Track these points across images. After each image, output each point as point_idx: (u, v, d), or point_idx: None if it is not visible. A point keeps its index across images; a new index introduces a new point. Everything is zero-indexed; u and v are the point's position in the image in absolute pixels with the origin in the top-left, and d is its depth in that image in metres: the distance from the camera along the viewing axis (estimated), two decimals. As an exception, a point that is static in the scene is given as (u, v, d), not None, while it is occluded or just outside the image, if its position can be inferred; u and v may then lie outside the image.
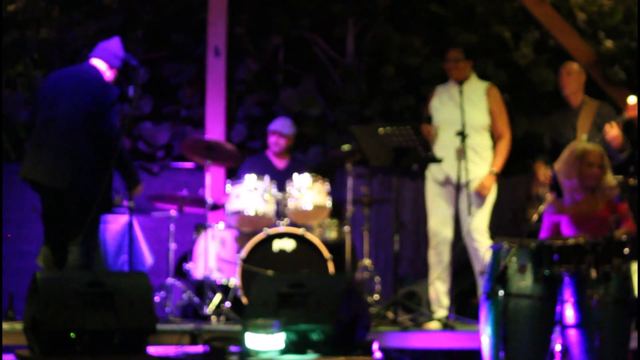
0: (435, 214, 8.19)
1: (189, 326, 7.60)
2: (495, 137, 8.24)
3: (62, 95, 7.26)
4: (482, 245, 7.97)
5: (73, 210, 7.16)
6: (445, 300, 8.09)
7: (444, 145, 8.12)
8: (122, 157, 7.24)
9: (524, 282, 6.15)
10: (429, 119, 8.22)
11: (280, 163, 9.33)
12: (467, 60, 8.22)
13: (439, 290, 8.15)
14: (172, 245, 8.88)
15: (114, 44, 7.54)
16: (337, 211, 9.06)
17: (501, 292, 6.05)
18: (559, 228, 6.79)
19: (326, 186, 8.78)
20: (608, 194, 6.78)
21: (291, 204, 8.69)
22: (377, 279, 8.99)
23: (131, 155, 7.36)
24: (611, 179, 6.85)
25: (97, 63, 7.45)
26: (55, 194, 7.20)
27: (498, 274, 6.06)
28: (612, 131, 7.96)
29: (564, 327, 6.16)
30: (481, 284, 6.72)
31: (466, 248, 8.16)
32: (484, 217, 8.13)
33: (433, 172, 8.23)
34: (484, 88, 8.26)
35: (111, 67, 7.47)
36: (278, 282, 6.73)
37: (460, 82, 8.15)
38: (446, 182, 8.11)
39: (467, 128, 7.97)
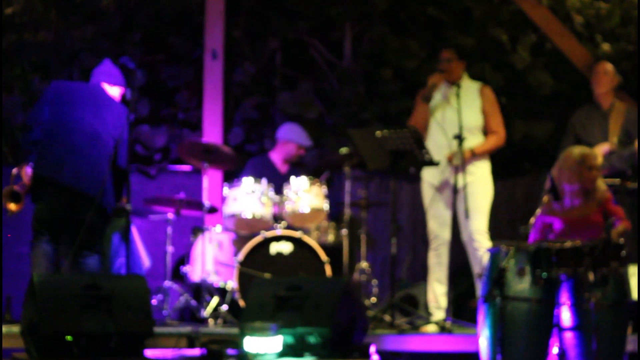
0: (434, 216, 8.17)
1: (186, 329, 7.60)
2: (487, 135, 8.19)
3: (100, 114, 7.55)
4: (482, 246, 7.95)
5: (92, 218, 7.35)
6: (443, 302, 8.09)
7: (438, 147, 8.09)
8: (125, 174, 7.49)
9: (522, 285, 6.15)
10: (426, 99, 8.15)
11: (283, 167, 9.35)
12: (460, 60, 8.19)
13: (437, 292, 8.15)
14: (170, 248, 8.88)
15: (110, 65, 7.84)
16: (334, 214, 9.06)
17: (499, 296, 6.05)
18: (550, 229, 6.81)
19: (323, 189, 8.78)
20: (599, 196, 6.81)
21: (288, 207, 8.69)
22: (374, 281, 8.99)
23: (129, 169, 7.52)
24: (601, 181, 6.90)
25: (109, 89, 7.77)
26: (80, 201, 7.37)
27: (496, 277, 6.06)
28: None
29: (561, 329, 6.16)
30: (479, 286, 6.72)
31: (465, 249, 8.16)
32: (484, 219, 8.11)
33: (429, 176, 8.21)
34: (477, 88, 8.23)
35: (119, 87, 7.80)
36: (275, 285, 6.73)
37: (454, 84, 8.11)
38: (443, 185, 8.09)
39: (462, 130, 7.95)
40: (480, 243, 8.00)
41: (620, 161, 8.13)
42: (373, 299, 8.85)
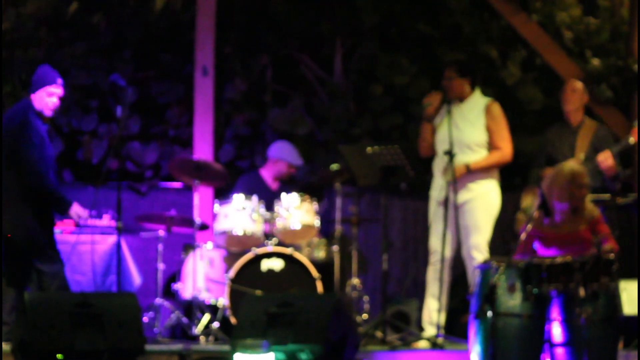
0: (436, 232, 8.15)
1: (178, 346, 7.59)
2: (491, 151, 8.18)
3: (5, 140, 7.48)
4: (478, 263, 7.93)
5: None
6: (435, 318, 8.08)
7: (441, 164, 8.09)
8: (40, 188, 7.41)
9: (513, 301, 6.15)
10: (427, 118, 8.17)
11: (274, 184, 9.35)
12: (462, 77, 8.16)
13: (430, 308, 8.14)
14: (161, 266, 8.86)
15: (39, 72, 7.77)
16: (325, 230, 9.06)
17: (490, 312, 6.05)
18: (539, 244, 6.83)
19: (314, 205, 8.79)
20: (587, 214, 6.83)
21: (279, 224, 8.69)
22: (365, 298, 8.99)
23: (59, 182, 7.47)
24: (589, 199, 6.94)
25: (34, 97, 7.67)
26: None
27: (487, 293, 6.07)
28: (607, 162, 8.01)
29: (552, 345, 6.16)
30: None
31: (464, 265, 8.15)
32: (482, 236, 8.08)
33: (435, 192, 8.20)
34: (484, 104, 8.18)
35: (41, 89, 7.65)
36: (266, 301, 6.73)
37: (456, 101, 8.11)
38: (444, 201, 8.06)
39: (461, 146, 7.95)
40: (477, 260, 7.97)
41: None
42: (364, 316, 8.84)
